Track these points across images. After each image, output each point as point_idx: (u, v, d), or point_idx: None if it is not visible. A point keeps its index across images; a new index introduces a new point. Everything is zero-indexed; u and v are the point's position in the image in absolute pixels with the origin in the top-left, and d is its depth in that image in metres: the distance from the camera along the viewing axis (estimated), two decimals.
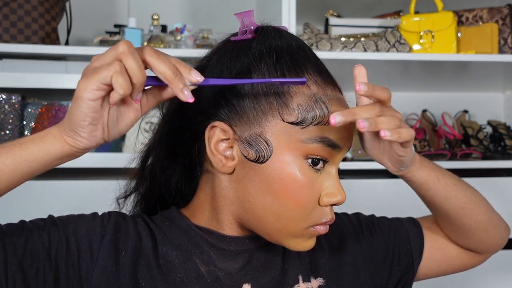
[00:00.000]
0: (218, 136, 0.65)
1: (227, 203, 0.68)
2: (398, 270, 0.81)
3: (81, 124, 0.56)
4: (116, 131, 0.59)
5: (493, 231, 0.82)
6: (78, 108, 0.55)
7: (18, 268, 0.60)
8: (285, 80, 0.62)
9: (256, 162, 0.64)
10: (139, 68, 0.54)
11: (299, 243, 0.67)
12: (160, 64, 0.55)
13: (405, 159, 0.68)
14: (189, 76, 0.57)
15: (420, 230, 0.84)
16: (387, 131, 0.59)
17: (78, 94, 0.54)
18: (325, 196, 0.65)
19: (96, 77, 0.53)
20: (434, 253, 0.84)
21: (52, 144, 0.57)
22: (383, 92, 0.63)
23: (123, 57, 0.54)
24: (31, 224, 0.64)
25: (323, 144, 0.63)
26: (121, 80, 0.53)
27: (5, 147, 0.57)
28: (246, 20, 0.67)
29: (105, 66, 0.54)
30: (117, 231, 0.67)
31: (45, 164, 0.58)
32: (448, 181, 0.76)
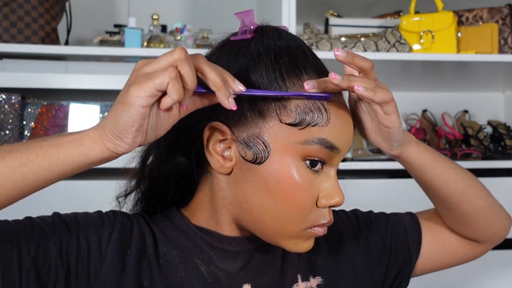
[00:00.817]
0: (216, 137, 0.65)
1: (225, 203, 0.68)
2: (395, 265, 0.81)
3: (128, 130, 0.54)
4: (154, 135, 0.58)
5: (493, 218, 0.81)
6: (127, 114, 0.54)
7: (32, 266, 0.60)
8: (312, 95, 0.62)
9: (253, 163, 0.64)
10: (193, 75, 0.54)
11: (297, 244, 0.67)
12: (211, 72, 0.56)
13: (392, 130, 0.67)
14: (234, 85, 0.58)
15: (418, 224, 0.84)
16: (361, 86, 0.60)
17: (129, 100, 0.53)
18: (323, 197, 0.65)
19: (151, 83, 0.53)
20: (434, 246, 0.83)
21: (92, 148, 0.56)
22: (364, 61, 0.64)
23: (180, 63, 0.54)
24: (40, 221, 0.63)
25: (321, 145, 0.63)
26: (177, 86, 0.53)
27: (40, 148, 0.55)
28: (246, 20, 0.67)
29: (161, 72, 0.53)
30: (123, 230, 0.67)
31: (81, 167, 0.57)
32: (445, 164, 0.76)
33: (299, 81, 0.64)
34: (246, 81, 0.63)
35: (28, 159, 0.55)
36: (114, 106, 0.56)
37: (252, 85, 0.64)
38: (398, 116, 0.66)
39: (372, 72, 0.65)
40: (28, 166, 0.55)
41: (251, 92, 0.61)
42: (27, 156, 0.55)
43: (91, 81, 1.51)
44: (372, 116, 0.69)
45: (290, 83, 0.64)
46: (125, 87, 0.55)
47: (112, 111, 0.56)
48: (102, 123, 0.57)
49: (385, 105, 0.64)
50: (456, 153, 1.75)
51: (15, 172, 0.55)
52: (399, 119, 0.66)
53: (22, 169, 0.55)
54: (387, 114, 0.65)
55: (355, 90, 0.61)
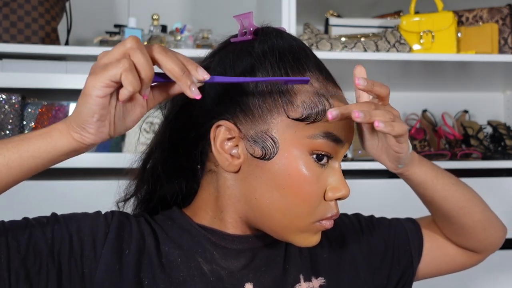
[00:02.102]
0: (224, 135, 0.66)
1: (232, 201, 0.68)
2: (398, 269, 0.82)
3: (89, 120, 0.56)
4: (122, 127, 0.59)
5: (491, 230, 0.83)
6: (87, 104, 0.55)
7: (21, 265, 0.60)
8: (289, 79, 0.63)
9: (262, 159, 0.65)
10: (148, 64, 0.54)
11: (306, 238, 0.67)
12: (168, 61, 0.56)
13: (402, 155, 0.69)
14: (196, 73, 0.57)
15: (419, 230, 0.85)
16: (381, 122, 0.61)
17: (86, 91, 0.55)
18: (329, 190, 0.66)
19: (105, 74, 0.53)
20: (434, 252, 0.84)
21: (59, 139, 0.58)
22: (382, 88, 0.65)
23: (132, 52, 0.54)
24: (35, 221, 0.64)
25: (327, 139, 0.64)
26: (131, 77, 0.53)
27: (12, 142, 0.58)
28: (245, 22, 0.68)
29: (114, 63, 0.54)
30: (120, 230, 0.67)
31: (51, 159, 0.58)
32: (446, 181, 0.77)
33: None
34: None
35: (0, 153, 0.57)
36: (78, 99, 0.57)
37: (258, 83, 0.65)
38: (408, 143, 0.68)
39: (387, 99, 0.67)
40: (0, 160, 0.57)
41: (216, 79, 0.60)
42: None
43: None
44: (381, 138, 0.70)
45: None
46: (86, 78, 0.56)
47: (77, 103, 0.57)
48: (69, 116, 0.58)
49: (400, 137, 0.65)
50: (456, 153, 1.75)
51: None
52: (408, 145, 0.68)
53: None
54: (400, 143, 0.67)
55: (375, 127, 0.61)
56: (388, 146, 0.69)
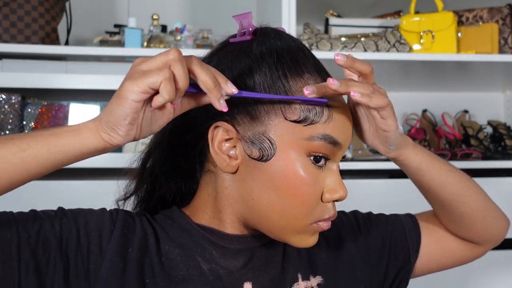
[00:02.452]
0: (222, 136, 0.66)
1: (230, 202, 0.68)
2: (395, 266, 0.82)
3: (121, 123, 0.57)
4: (148, 131, 0.60)
5: (491, 220, 0.82)
6: (121, 107, 0.56)
7: (31, 256, 0.60)
8: (307, 99, 0.64)
9: (259, 161, 0.65)
10: (186, 76, 0.56)
11: (303, 239, 0.68)
12: (203, 73, 0.58)
13: (389, 134, 0.68)
14: (226, 87, 0.59)
15: (417, 225, 0.85)
16: (357, 92, 0.62)
17: (123, 94, 0.56)
18: (327, 192, 0.66)
19: (145, 80, 0.55)
20: (433, 247, 0.84)
21: (88, 137, 0.58)
22: (364, 65, 0.66)
23: (173, 63, 0.56)
24: (43, 213, 0.65)
25: (325, 141, 0.64)
26: (169, 86, 0.55)
27: (41, 136, 0.58)
28: (244, 22, 0.69)
29: (155, 71, 0.55)
30: (125, 228, 0.68)
31: (77, 156, 0.59)
32: (443, 167, 0.77)
33: (301, 79, 0.66)
34: (250, 81, 0.65)
35: (29, 145, 0.58)
36: (111, 100, 0.58)
37: (256, 84, 0.65)
38: (394, 120, 0.67)
39: (371, 76, 0.67)
40: (28, 152, 0.57)
41: (243, 94, 0.62)
42: (27, 143, 0.58)
43: (91, 81, 1.51)
44: (370, 120, 0.70)
45: (293, 81, 0.65)
46: (122, 82, 0.57)
47: (109, 104, 0.58)
48: (99, 115, 0.59)
49: (382, 110, 0.65)
50: (456, 153, 1.75)
51: (15, 157, 0.57)
52: (395, 123, 0.68)
53: (22, 154, 0.57)
54: (384, 119, 0.66)
55: (351, 95, 0.62)
56: (377, 128, 0.69)
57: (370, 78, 0.67)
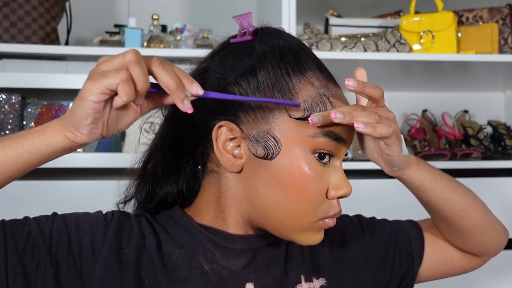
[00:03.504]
0: (226, 136, 0.66)
1: (235, 201, 0.68)
2: (399, 271, 0.81)
3: (83, 122, 0.58)
4: (115, 129, 0.61)
5: (491, 234, 0.82)
6: (82, 108, 0.57)
7: (18, 263, 0.61)
8: (280, 102, 0.64)
9: (264, 159, 0.65)
10: (144, 77, 0.56)
11: (309, 237, 0.68)
12: (164, 74, 0.58)
13: (393, 158, 0.69)
14: (191, 88, 0.59)
15: (421, 232, 0.85)
16: (361, 123, 0.62)
17: (83, 95, 0.57)
18: (332, 189, 0.66)
19: (102, 81, 0.55)
20: (435, 255, 0.84)
21: (53, 137, 0.59)
22: (374, 90, 0.65)
23: (130, 65, 0.56)
24: (34, 220, 0.65)
25: (329, 138, 0.64)
26: (126, 88, 0.55)
27: (9, 139, 0.60)
28: (245, 23, 0.69)
29: (113, 73, 0.56)
30: (120, 229, 0.68)
31: (45, 155, 0.60)
32: (445, 184, 0.77)
33: (304, 77, 0.66)
34: (254, 80, 0.65)
35: None
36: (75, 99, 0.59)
37: (260, 83, 0.65)
38: (399, 145, 0.68)
39: (382, 101, 0.67)
40: None
41: (209, 94, 0.61)
42: None
43: None
44: (376, 140, 0.71)
45: (295, 79, 0.66)
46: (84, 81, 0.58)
47: (72, 104, 0.59)
48: (64, 115, 0.60)
49: (385, 139, 0.65)
50: (456, 153, 1.75)
51: None
52: (399, 148, 0.68)
53: None
54: (388, 146, 0.67)
55: (355, 127, 0.62)
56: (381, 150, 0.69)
57: (380, 102, 0.67)
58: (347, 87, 0.64)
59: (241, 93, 0.65)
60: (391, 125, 0.64)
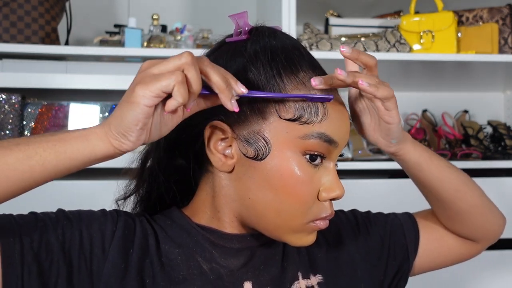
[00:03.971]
0: (217, 136, 0.66)
1: (227, 201, 0.68)
2: (394, 265, 0.82)
3: (132, 128, 0.56)
4: (158, 134, 0.59)
5: (488, 216, 0.82)
6: (132, 112, 0.55)
7: (34, 260, 0.60)
8: (313, 96, 0.64)
9: (255, 160, 0.65)
10: (199, 79, 0.56)
11: (300, 238, 0.68)
12: (215, 74, 0.57)
13: (392, 126, 0.69)
14: (236, 87, 0.59)
15: (416, 224, 0.85)
16: (365, 81, 0.63)
17: (135, 99, 0.55)
18: (323, 191, 0.66)
19: (157, 84, 0.54)
20: (431, 245, 0.85)
21: (97, 144, 0.57)
22: (368, 57, 0.66)
23: (187, 67, 0.55)
24: (44, 216, 0.64)
25: (320, 139, 0.64)
26: (183, 90, 0.54)
27: (48, 142, 0.57)
28: (240, 22, 0.69)
29: (168, 75, 0.54)
30: (126, 228, 0.68)
31: (86, 162, 0.58)
32: (440, 163, 0.78)
33: (296, 78, 0.66)
34: (244, 80, 0.64)
35: (36, 152, 0.56)
36: (119, 105, 0.57)
37: (250, 83, 0.65)
38: (398, 112, 0.68)
39: (375, 69, 0.68)
40: (35, 159, 0.56)
41: (253, 93, 0.62)
42: (34, 150, 0.56)
43: (91, 81, 1.51)
44: (372, 113, 0.71)
45: (287, 80, 0.65)
46: (131, 86, 0.56)
47: (117, 110, 0.57)
48: (108, 121, 0.58)
49: (387, 101, 0.66)
50: (456, 153, 1.76)
51: (22, 164, 0.56)
52: (399, 115, 0.69)
53: (29, 162, 0.56)
54: (388, 110, 0.67)
55: (359, 85, 0.63)
56: (379, 121, 0.69)
57: (374, 70, 0.67)
58: (342, 53, 0.65)
59: None
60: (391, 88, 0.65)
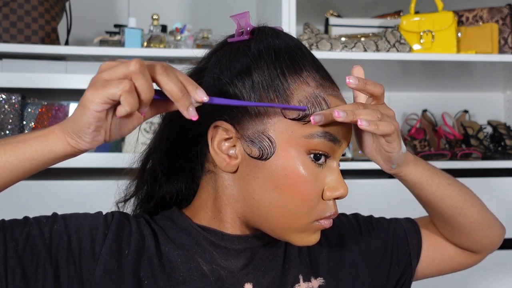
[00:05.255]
0: (221, 136, 0.66)
1: (230, 201, 0.68)
2: (397, 270, 0.82)
3: (85, 131, 0.57)
4: (118, 134, 0.60)
5: (488, 230, 0.82)
6: (84, 116, 0.56)
7: (18, 264, 0.61)
8: (286, 107, 0.64)
9: (259, 159, 0.65)
10: (148, 87, 0.55)
11: (304, 238, 0.67)
12: (168, 82, 0.56)
13: (392, 155, 0.69)
14: (195, 95, 0.58)
15: (418, 230, 0.85)
16: (364, 120, 0.62)
17: (85, 104, 0.55)
18: (328, 190, 0.66)
19: (105, 91, 0.54)
20: (432, 252, 0.85)
21: (55, 143, 0.58)
22: (375, 87, 0.65)
23: (134, 76, 0.55)
24: (34, 220, 0.65)
25: (324, 139, 0.64)
26: (130, 98, 0.54)
27: (9, 144, 0.59)
28: (242, 22, 0.68)
29: (115, 83, 0.54)
30: (120, 230, 0.68)
31: (46, 162, 0.59)
32: (442, 181, 0.77)
33: (299, 77, 0.66)
34: (249, 80, 0.65)
35: None
36: (77, 105, 0.58)
37: (254, 83, 0.65)
38: (399, 143, 0.68)
39: (382, 98, 0.67)
40: None
41: (214, 100, 0.60)
42: None
43: None
44: (375, 138, 0.71)
45: (291, 79, 0.65)
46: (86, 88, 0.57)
47: (74, 111, 0.58)
48: (65, 121, 0.59)
49: (387, 137, 0.66)
50: (456, 153, 1.75)
51: None
52: (399, 146, 0.68)
53: None
54: (389, 143, 0.67)
55: (358, 125, 0.62)
56: (380, 148, 0.69)
57: (380, 99, 0.67)
58: (348, 85, 0.64)
59: (236, 93, 0.65)
60: (392, 122, 0.65)
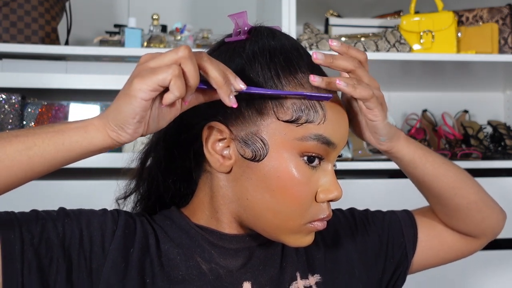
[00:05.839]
0: (215, 136, 0.66)
1: (225, 202, 0.69)
2: (392, 263, 0.82)
3: (130, 121, 0.56)
4: (155, 127, 0.60)
5: (487, 212, 0.82)
6: (130, 105, 0.56)
7: (34, 256, 0.61)
8: (313, 95, 0.64)
9: (252, 161, 0.65)
10: (196, 73, 0.56)
11: (298, 239, 0.68)
12: (213, 69, 0.58)
13: (376, 123, 0.68)
14: (235, 83, 0.59)
15: (414, 221, 0.85)
16: (342, 82, 0.63)
17: (132, 93, 0.55)
18: (321, 192, 0.66)
19: (154, 78, 0.54)
20: (430, 241, 0.84)
21: (95, 136, 0.58)
22: (359, 52, 0.67)
23: (184, 61, 0.55)
24: (45, 214, 0.65)
25: (318, 141, 0.64)
26: (179, 83, 0.55)
27: (46, 133, 0.58)
28: (240, 21, 0.68)
29: (164, 68, 0.55)
30: (126, 228, 0.68)
31: (83, 154, 0.59)
32: (436, 159, 0.77)
33: (294, 79, 0.65)
34: (243, 80, 0.64)
35: (34, 143, 0.57)
36: (117, 97, 0.57)
37: (249, 84, 0.64)
38: (381, 110, 0.68)
39: (366, 65, 0.68)
40: (34, 150, 0.57)
41: (251, 90, 0.62)
42: (33, 141, 0.57)
43: (91, 81, 1.51)
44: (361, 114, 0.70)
45: (285, 81, 0.65)
46: (129, 79, 0.57)
47: (115, 102, 0.57)
48: (106, 113, 0.58)
49: (366, 102, 0.66)
50: (456, 153, 1.76)
51: (21, 155, 0.57)
52: (382, 113, 0.68)
53: (28, 152, 0.57)
54: (370, 109, 0.67)
55: (336, 84, 0.63)
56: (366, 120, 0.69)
57: (365, 66, 0.67)
58: (331, 47, 0.65)
59: None
60: (371, 89, 0.65)
